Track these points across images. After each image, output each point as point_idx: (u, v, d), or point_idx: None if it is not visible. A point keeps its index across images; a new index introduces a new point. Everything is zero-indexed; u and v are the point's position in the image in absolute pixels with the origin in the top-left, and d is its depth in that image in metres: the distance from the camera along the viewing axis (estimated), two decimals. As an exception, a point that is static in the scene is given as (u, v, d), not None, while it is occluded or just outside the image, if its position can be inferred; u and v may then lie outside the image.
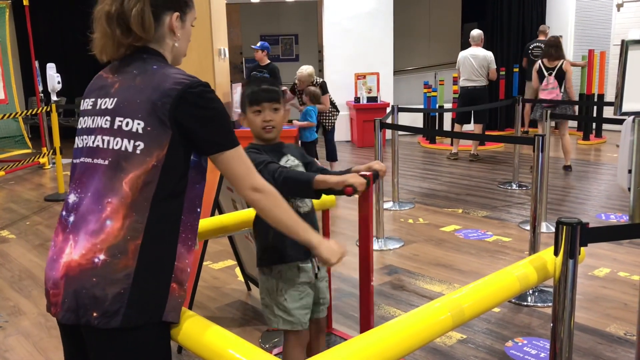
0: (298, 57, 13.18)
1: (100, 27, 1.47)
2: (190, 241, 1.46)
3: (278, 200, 1.51)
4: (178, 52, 1.56)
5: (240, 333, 3.07)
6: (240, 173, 1.46)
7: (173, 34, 1.52)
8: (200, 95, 1.41)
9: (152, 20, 1.46)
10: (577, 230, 1.62)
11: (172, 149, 1.39)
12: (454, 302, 1.50)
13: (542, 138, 3.52)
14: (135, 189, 1.38)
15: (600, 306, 3.34)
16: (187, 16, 1.55)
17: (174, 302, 1.41)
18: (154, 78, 1.43)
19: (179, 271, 1.42)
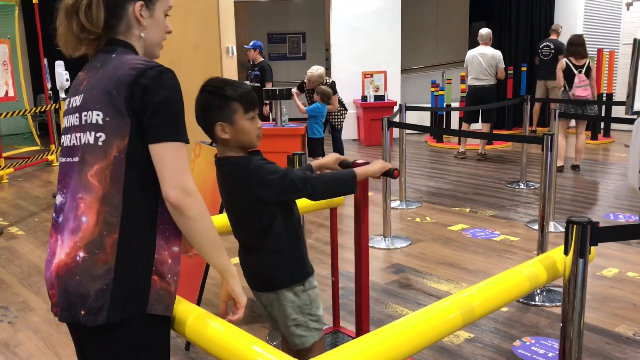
0: (305, 56, 13.17)
1: (60, 20, 1.46)
2: (169, 232, 1.43)
3: (207, 210, 1.42)
4: (149, 43, 1.51)
5: (247, 330, 3.06)
6: (173, 169, 1.35)
7: (139, 24, 1.47)
8: (153, 78, 1.35)
9: (100, 12, 1.41)
10: (587, 230, 1.61)
11: (134, 139, 1.35)
12: (463, 301, 1.50)
13: (550, 137, 3.50)
14: (104, 182, 1.36)
15: (609, 306, 3.33)
16: (155, 5, 1.49)
17: (157, 294, 1.39)
18: (110, 67, 1.40)
19: (159, 263, 1.40)
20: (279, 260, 1.92)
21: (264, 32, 13.08)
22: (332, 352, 1.28)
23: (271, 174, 1.82)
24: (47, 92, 8.70)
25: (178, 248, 1.46)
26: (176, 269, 1.45)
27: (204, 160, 3.32)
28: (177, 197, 1.34)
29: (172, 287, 1.44)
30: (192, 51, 5.78)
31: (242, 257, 2.03)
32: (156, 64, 1.39)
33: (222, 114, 1.79)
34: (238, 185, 1.87)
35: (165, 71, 1.38)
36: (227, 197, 1.95)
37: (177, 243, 1.45)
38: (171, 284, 1.43)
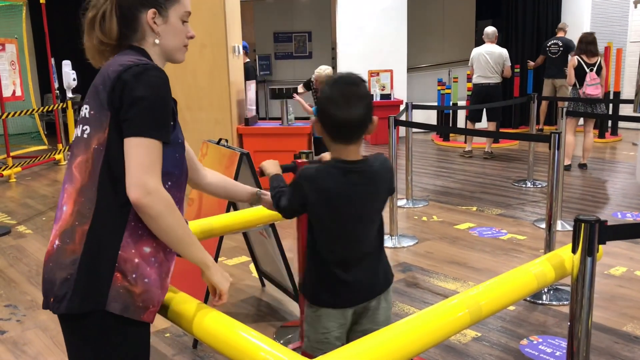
0: (311, 55, 13.17)
1: (86, 34, 1.50)
2: (142, 231, 1.39)
3: (172, 208, 1.37)
4: (165, 49, 1.52)
5: (254, 329, 3.08)
6: (137, 165, 1.32)
7: (152, 31, 1.48)
8: (135, 74, 1.35)
9: (113, 24, 1.45)
10: (595, 228, 1.61)
11: (112, 132, 1.36)
12: (471, 299, 1.50)
13: (557, 136, 3.49)
14: (83, 173, 1.39)
15: (617, 305, 3.32)
16: (169, 11, 1.49)
17: (116, 292, 1.36)
18: (106, 65, 1.43)
19: (122, 260, 1.37)
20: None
21: (270, 31, 13.09)
22: (340, 350, 1.28)
23: None
24: (55, 92, 8.74)
25: (150, 249, 1.41)
26: (146, 271, 1.40)
27: (210, 158, 3.33)
28: (136, 195, 1.32)
29: (137, 289, 1.38)
30: (199, 50, 5.80)
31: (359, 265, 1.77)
32: (145, 62, 1.39)
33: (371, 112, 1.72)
34: (383, 183, 1.77)
35: (152, 69, 1.38)
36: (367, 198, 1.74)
37: (150, 244, 1.41)
38: (135, 285, 1.38)
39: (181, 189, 1.51)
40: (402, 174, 5.52)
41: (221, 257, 4.18)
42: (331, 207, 1.70)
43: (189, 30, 1.55)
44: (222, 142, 3.23)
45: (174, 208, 1.38)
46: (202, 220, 2.27)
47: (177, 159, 1.47)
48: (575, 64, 6.79)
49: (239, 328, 1.39)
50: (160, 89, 1.37)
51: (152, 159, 1.34)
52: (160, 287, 1.45)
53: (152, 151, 1.34)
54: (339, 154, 1.70)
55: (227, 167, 3.06)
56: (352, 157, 1.70)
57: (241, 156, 2.96)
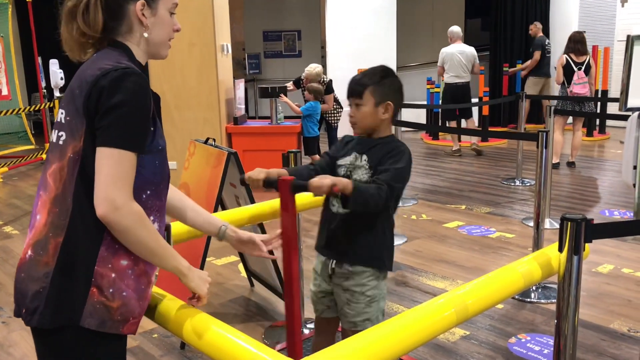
0: (301, 53, 13.15)
1: (63, 25, 1.42)
2: (118, 244, 1.33)
3: (143, 221, 1.31)
4: (153, 43, 1.44)
5: (243, 329, 3.07)
6: (106, 177, 1.26)
7: (141, 24, 1.40)
8: (113, 80, 1.28)
9: (98, 15, 1.36)
10: (582, 227, 1.61)
11: (88, 141, 1.30)
12: (458, 298, 1.50)
13: (545, 134, 3.50)
14: (57, 182, 1.33)
15: (604, 302, 3.33)
16: (158, 3, 1.42)
17: (92, 307, 1.31)
18: (84, 66, 1.37)
19: (99, 275, 1.31)
20: None
21: (259, 29, 13.05)
22: (328, 350, 1.28)
23: None
24: (42, 91, 8.67)
25: (127, 262, 1.35)
26: (123, 284, 1.35)
27: (198, 158, 3.31)
28: (103, 211, 1.26)
29: (115, 303, 1.33)
30: (187, 49, 5.77)
31: None
32: (125, 66, 1.32)
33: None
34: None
35: (131, 74, 1.30)
36: None
37: (127, 257, 1.35)
38: (112, 300, 1.33)
39: (161, 197, 1.44)
40: (391, 172, 5.51)
41: (210, 257, 4.16)
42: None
43: (175, 22, 1.48)
44: (209, 141, 3.21)
45: (144, 221, 1.31)
46: (189, 220, 2.25)
47: (156, 166, 1.39)
48: (563, 62, 6.83)
49: (225, 330, 1.38)
50: (139, 96, 1.29)
51: (123, 172, 1.27)
52: (139, 298, 1.39)
53: (123, 164, 1.27)
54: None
55: (214, 166, 3.04)
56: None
57: (229, 155, 2.94)
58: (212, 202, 2.96)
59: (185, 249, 3.02)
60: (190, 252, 3.05)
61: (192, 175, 3.34)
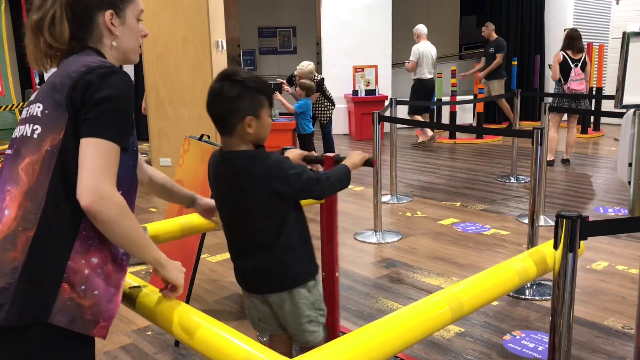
0: (296, 50, 13.13)
1: (28, 38, 1.42)
2: (92, 240, 1.32)
3: (126, 212, 1.30)
4: (123, 51, 1.46)
5: (237, 327, 3.06)
6: (92, 167, 1.25)
7: (110, 33, 1.42)
8: (100, 76, 1.29)
9: (64, 28, 1.37)
10: (577, 224, 1.61)
11: (68, 134, 1.29)
12: (453, 296, 1.49)
13: (540, 131, 3.50)
14: (30, 176, 1.30)
15: (599, 299, 3.34)
16: (125, 11, 1.44)
17: (63, 304, 1.27)
18: (66, 63, 1.37)
19: (71, 271, 1.29)
20: (292, 257, 1.86)
21: (254, 25, 13.02)
22: (323, 348, 1.27)
23: (292, 169, 1.78)
24: (35, 87, 8.62)
25: (98, 260, 1.33)
26: (95, 282, 1.32)
27: (192, 155, 3.30)
28: (88, 200, 1.24)
29: (87, 301, 1.30)
30: (182, 45, 5.74)
31: (241, 260, 1.92)
32: (111, 65, 1.35)
33: (252, 107, 1.75)
34: (251, 180, 1.78)
35: (119, 72, 1.32)
36: (232, 192, 1.84)
37: (98, 254, 1.33)
38: (84, 297, 1.30)
39: (131, 199, 1.43)
40: (386, 169, 5.52)
41: (204, 254, 4.15)
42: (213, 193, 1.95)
43: (142, 28, 1.51)
44: (204, 138, 3.20)
45: (127, 212, 1.31)
46: (183, 217, 2.24)
47: (129, 167, 1.39)
48: (560, 59, 6.83)
49: (218, 327, 1.37)
50: (126, 93, 1.31)
51: (109, 162, 1.27)
52: (108, 301, 1.35)
53: (110, 154, 1.28)
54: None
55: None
56: (225, 148, 1.82)
57: (223, 152, 2.92)
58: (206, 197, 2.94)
59: (179, 246, 3.01)
60: (184, 249, 3.04)
61: (187, 172, 3.33)
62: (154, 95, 5.88)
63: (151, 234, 2.06)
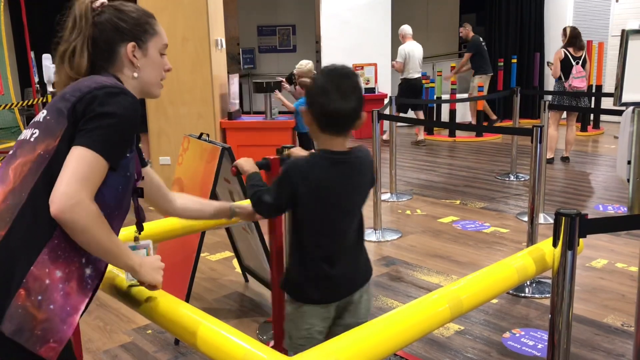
0: (295, 48, 13.12)
1: (57, 64, 1.45)
2: (62, 251, 1.27)
3: (98, 220, 1.26)
4: (143, 82, 1.48)
5: (237, 325, 3.07)
6: (72, 174, 1.23)
7: (132, 65, 1.45)
8: (108, 93, 1.30)
9: (83, 58, 1.40)
10: (576, 222, 1.61)
11: (64, 142, 1.28)
12: (452, 294, 1.49)
13: (540, 129, 3.50)
14: (17, 176, 1.29)
15: (598, 297, 3.34)
16: (148, 44, 1.46)
17: (14, 310, 1.20)
18: (81, 80, 1.38)
19: (32, 278, 1.22)
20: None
21: (253, 24, 13.01)
22: (322, 346, 1.27)
23: None
24: (35, 86, 8.61)
25: (62, 274, 1.27)
26: (53, 296, 1.25)
27: (192, 153, 3.30)
28: (57, 207, 1.21)
29: (40, 314, 1.22)
30: (181, 44, 5.74)
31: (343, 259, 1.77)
32: (123, 87, 1.35)
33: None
34: (366, 174, 1.78)
35: (128, 94, 1.33)
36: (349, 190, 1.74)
37: (64, 269, 1.28)
38: (38, 308, 1.22)
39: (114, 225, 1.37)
40: (386, 168, 5.51)
41: (204, 253, 4.15)
42: (320, 199, 1.69)
43: (166, 62, 1.52)
44: (203, 136, 3.20)
45: (99, 221, 1.27)
46: (183, 216, 2.24)
47: (117, 190, 1.36)
48: (562, 56, 6.82)
49: (218, 326, 1.37)
50: (130, 114, 1.31)
51: (91, 173, 1.25)
52: (63, 320, 1.26)
53: (94, 166, 1.25)
54: (326, 144, 1.69)
55: (208, 161, 3.03)
56: (338, 148, 1.70)
57: (222, 150, 2.93)
58: (206, 197, 2.94)
59: (179, 245, 3.01)
60: (184, 248, 3.04)
61: (186, 170, 3.33)
62: (153, 94, 5.87)
63: (151, 232, 2.06)
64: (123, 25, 1.44)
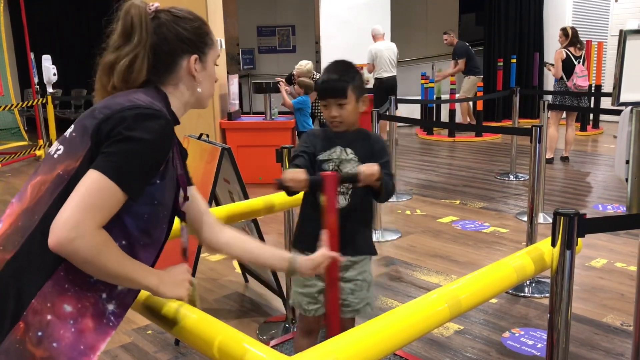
0: (295, 49, 13.12)
1: (98, 76, 1.32)
2: (69, 284, 1.15)
3: (104, 247, 1.13)
4: (201, 97, 1.37)
5: (237, 325, 3.07)
6: (79, 202, 1.10)
7: (192, 79, 1.33)
8: (140, 114, 1.17)
9: (143, 71, 1.27)
10: (574, 221, 1.61)
11: (84, 165, 1.16)
12: (451, 293, 1.50)
13: (539, 129, 3.51)
14: (34, 195, 1.19)
15: (597, 297, 3.35)
16: (208, 56, 1.36)
17: (10, 344, 1.11)
18: (116, 96, 1.26)
19: (32, 311, 1.12)
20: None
21: (253, 24, 13.01)
22: (322, 345, 1.28)
23: None
24: (34, 87, 8.62)
25: (72, 309, 1.16)
26: (58, 333, 1.14)
27: (191, 153, 3.29)
28: (57, 238, 1.08)
29: (39, 351, 1.12)
30: (180, 44, 5.74)
31: None
32: (158, 109, 1.21)
33: None
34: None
35: (161, 117, 1.19)
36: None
37: (75, 303, 1.17)
38: (37, 345, 1.12)
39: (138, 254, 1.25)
40: (385, 168, 5.51)
41: (204, 253, 4.15)
42: None
43: (215, 73, 1.42)
44: (203, 137, 3.21)
45: (106, 250, 1.14)
46: (183, 217, 2.25)
47: (143, 220, 1.23)
48: (563, 56, 6.82)
49: (218, 326, 1.37)
50: (159, 141, 1.18)
51: (101, 201, 1.12)
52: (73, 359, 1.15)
53: (106, 195, 1.12)
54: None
55: (208, 162, 3.04)
56: None
57: (222, 151, 2.93)
58: (205, 197, 2.95)
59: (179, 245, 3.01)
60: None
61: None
62: (153, 95, 5.88)
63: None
64: (185, 35, 1.32)
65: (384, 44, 8.55)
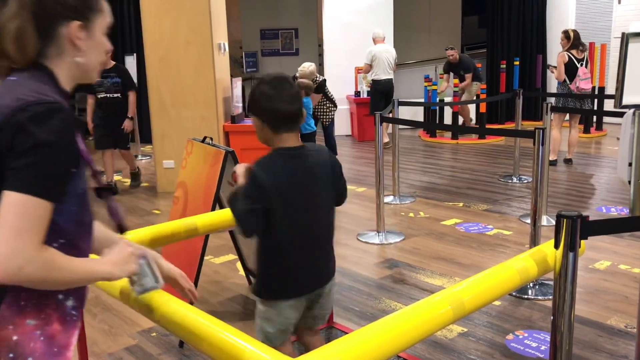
0: (298, 52, 13.15)
1: None
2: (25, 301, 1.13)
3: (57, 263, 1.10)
4: (85, 68, 1.24)
5: (241, 327, 3.06)
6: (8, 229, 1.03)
7: (75, 48, 1.20)
8: (36, 115, 1.06)
9: (33, 37, 1.15)
10: (577, 224, 1.62)
11: None
12: (454, 296, 1.50)
13: (542, 131, 3.51)
14: None
15: (601, 299, 3.35)
16: (94, 23, 1.22)
17: None
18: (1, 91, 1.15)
19: None
20: None
21: (256, 27, 13.05)
22: (326, 347, 1.29)
23: None
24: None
25: (37, 321, 1.14)
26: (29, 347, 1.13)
27: (195, 157, 3.32)
28: (4, 274, 1.03)
29: None
30: (184, 47, 5.77)
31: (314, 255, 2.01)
32: (52, 100, 1.10)
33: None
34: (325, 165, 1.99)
35: (58, 110, 1.09)
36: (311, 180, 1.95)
37: (37, 315, 1.15)
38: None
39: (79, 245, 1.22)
40: (388, 170, 5.53)
41: (208, 256, 4.17)
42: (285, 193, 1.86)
43: (107, 43, 1.29)
44: (206, 140, 3.22)
45: (57, 264, 1.10)
46: (187, 219, 2.26)
47: (73, 213, 1.18)
48: (566, 59, 6.81)
49: (223, 328, 1.38)
50: (64, 137, 1.09)
51: (31, 223, 1.05)
52: None
53: (35, 214, 1.06)
54: (282, 142, 1.90)
55: (212, 165, 3.05)
56: (293, 144, 1.91)
57: (226, 154, 2.95)
58: (209, 200, 2.96)
59: (183, 248, 3.03)
60: (188, 251, 3.06)
61: (190, 174, 3.35)
62: (156, 98, 5.91)
63: (155, 236, 2.09)
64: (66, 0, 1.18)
65: (383, 46, 8.68)
